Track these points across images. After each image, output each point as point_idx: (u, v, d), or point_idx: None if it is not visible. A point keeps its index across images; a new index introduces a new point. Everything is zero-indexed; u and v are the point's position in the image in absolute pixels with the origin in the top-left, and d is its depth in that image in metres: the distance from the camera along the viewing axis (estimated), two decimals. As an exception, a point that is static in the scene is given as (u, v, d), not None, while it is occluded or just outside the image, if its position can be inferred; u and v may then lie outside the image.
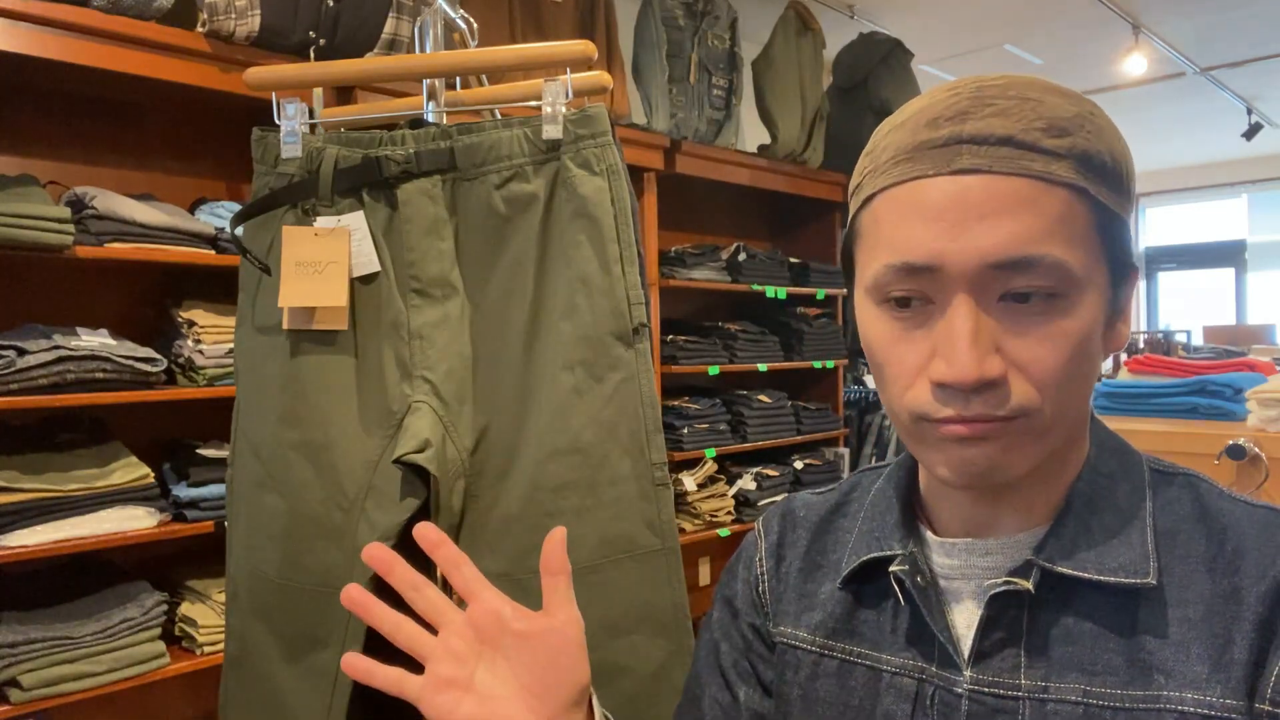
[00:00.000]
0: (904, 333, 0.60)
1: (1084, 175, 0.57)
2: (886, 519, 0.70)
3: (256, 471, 1.21)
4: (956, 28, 4.67)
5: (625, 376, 1.14)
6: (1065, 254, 0.56)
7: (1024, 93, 0.59)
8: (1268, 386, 1.91)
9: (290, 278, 1.17)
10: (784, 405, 3.63)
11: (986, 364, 0.56)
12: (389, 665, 0.65)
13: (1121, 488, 0.64)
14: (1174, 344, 5.82)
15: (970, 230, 0.56)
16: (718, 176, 3.39)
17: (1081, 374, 0.59)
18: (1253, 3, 4.38)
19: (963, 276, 0.56)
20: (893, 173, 0.60)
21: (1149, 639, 0.58)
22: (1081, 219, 0.57)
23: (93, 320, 2.14)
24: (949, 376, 0.56)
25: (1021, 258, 0.55)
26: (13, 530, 1.81)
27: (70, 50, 1.84)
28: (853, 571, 0.70)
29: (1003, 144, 0.57)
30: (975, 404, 0.57)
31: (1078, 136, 0.57)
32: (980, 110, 0.58)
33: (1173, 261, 8.91)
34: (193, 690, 2.31)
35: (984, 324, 0.57)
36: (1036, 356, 0.57)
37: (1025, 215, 0.56)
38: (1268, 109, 6.32)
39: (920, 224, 0.57)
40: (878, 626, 0.69)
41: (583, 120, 1.14)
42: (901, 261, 0.58)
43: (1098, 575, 0.60)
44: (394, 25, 2.25)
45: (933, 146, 0.58)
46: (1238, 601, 0.57)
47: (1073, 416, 0.60)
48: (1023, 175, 0.56)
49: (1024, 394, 0.57)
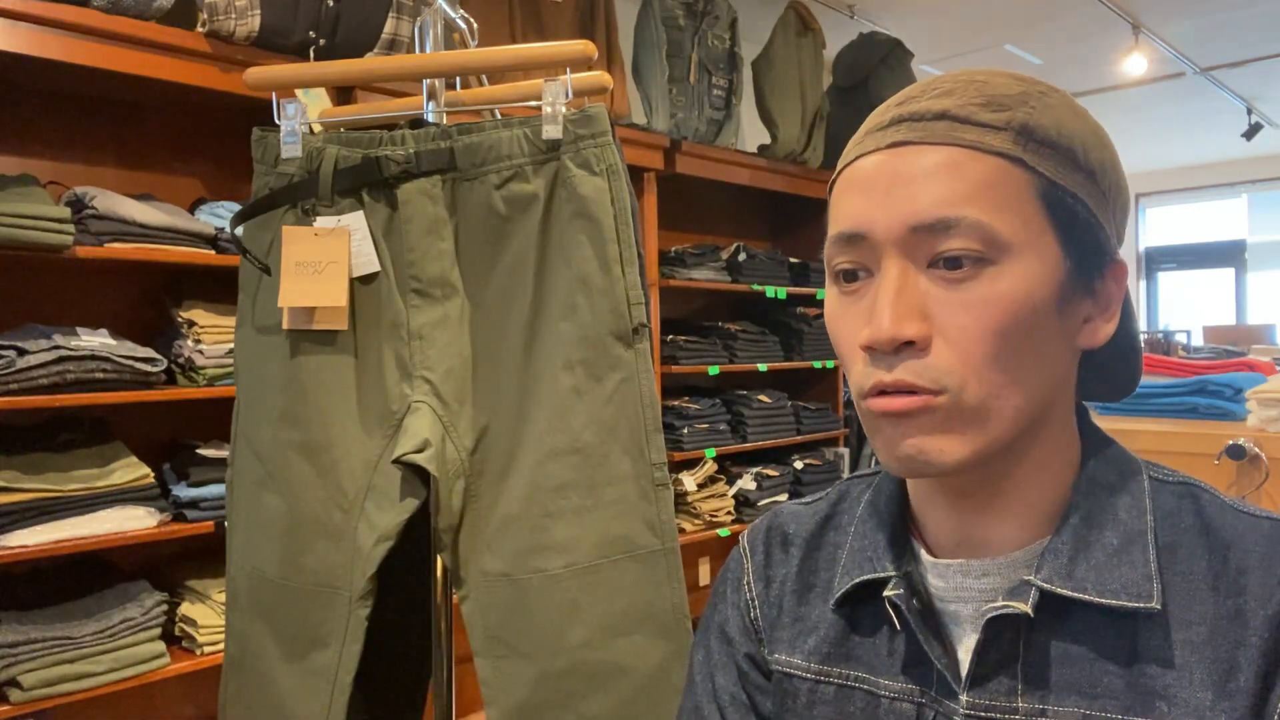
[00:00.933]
0: (848, 307, 0.61)
1: (1022, 145, 0.58)
2: (878, 536, 0.68)
3: (256, 471, 1.21)
4: (956, 28, 4.67)
5: (625, 376, 1.14)
6: (989, 217, 0.56)
7: (974, 76, 0.61)
8: (1268, 386, 1.91)
9: (290, 278, 1.17)
10: (784, 405, 3.63)
11: (904, 324, 0.56)
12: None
13: (1121, 500, 0.61)
14: (1174, 344, 5.82)
15: (894, 196, 0.58)
16: (718, 176, 3.39)
17: (1020, 354, 0.57)
18: (1253, 3, 4.38)
19: (889, 240, 0.57)
20: (847, 157, 0.63)
21: (1150, 663, 0.57)
22: (1016, 186, 0.57)
23: (93, 320, 2.14)
24: (869, 337, 0.57)
25: (939, 219, 0.56)
26: (13, 530, 1.81)
27: (70, 50, 1.84)
28: (846, 593, 0.68)
29: (938, 119, 0.58)
30: (898, 369, 0.56)
31: (1018, 110, 0.58)
32: (926, 94, 0.60)
33: (1173, 261, 8.90)
34: (193, 690, 2.31)
35: (910, 288, 0.57)
36: (962, 324, 0.56)
37: (948, 179, 0.57)
38: (1268, 109, 6.32)
39: (855, 196, 0.60)
40: (874, 649, 0.67)
41: (583, 120, 1.14)
42: (837, 232, 0.60)
43: (1099, 598, 0.58)
44: (394, 25, 2.25)
45: (879, 128, 0.61)
46: (1243, 624, 0.56)
47: (1017, 406, 0.57)
48: (952, 144, 0.58)
49: (945, 364, 0.56)
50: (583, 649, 1.11)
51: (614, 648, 1.11)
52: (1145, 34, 4.73)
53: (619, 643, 1.12)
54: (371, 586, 1.14)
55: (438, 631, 1.27)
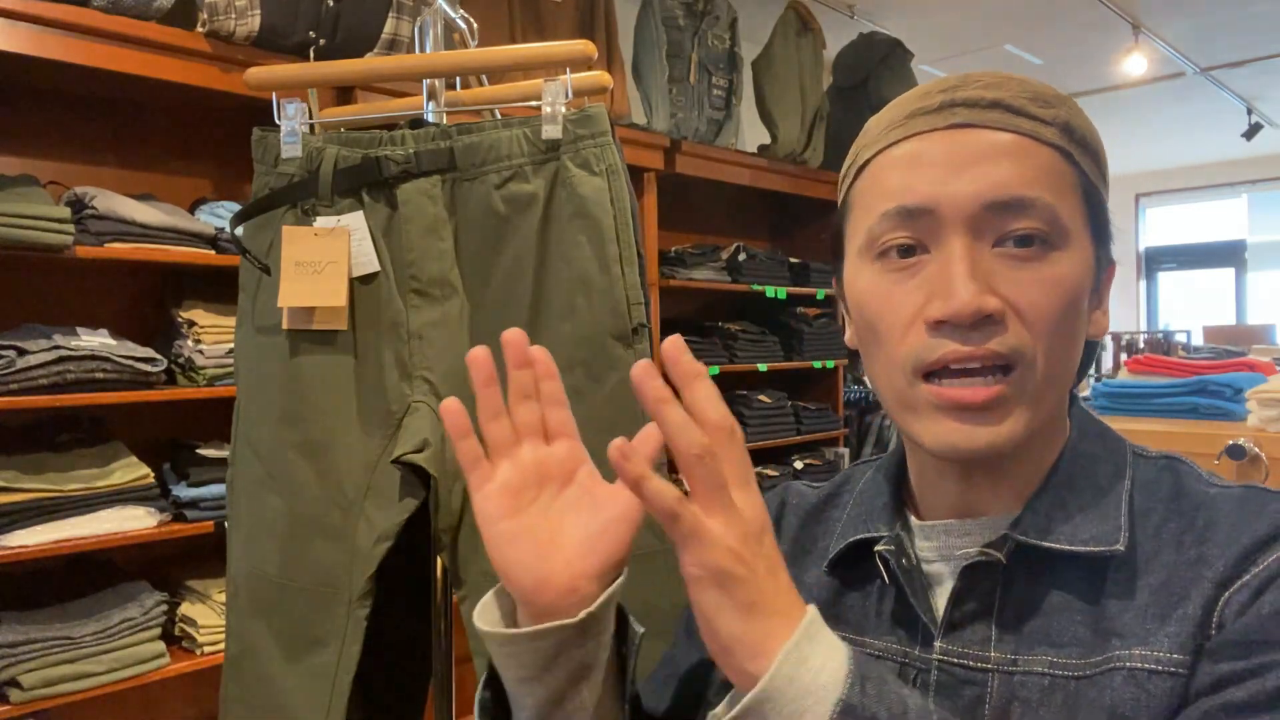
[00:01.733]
0: (898, 284, 0.61)
1: (1068, 141, 0.61)
2: (875, 503, 0.71)
3: (256, 471, 1.21)
4: (956, 28, 4.67)
5: (625, 377, 1.14)
6: (1056, 200, 0.59)
7: (1008, 75, 0.63)
8: (1268, 386, 1.91)
9: (290, 278, 1.17)
10: (784, 405, 3.63)
11: (985, 297, 0.57)
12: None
13: (1103, 468, 0.64)
14: (1174, 344, 5.82)
15: (965, 174, 0.59)
16: (718, 176, 3.39)
17: (1072, 332, 0.60)
18: (1253, 3, 4.38)
19: (958, 217, 0.58)
20: (889, 136, 0.63)
21: (1113, 606, 0.58)
22: (1067, 179, 0.60)
23: (93, 320, 2.14)
24: (947, 310, 0.57)
25: (1016, 198, 0.58)
26: (13, 530, 1.81)
27: (70, 50, 1.84)
28: (839, 555, 0.70)
29: (993, 106, 0.60)
30: (975, 339, 0.57)
31: (1060, 109, 0.61)
32: (970, 83, 0.62)
33: (1173, 261, 8.91)
34: (193, 690, 2.31)
35: (981, 264, 0.58)
36: (1032, 300, 0.58)
37: (1017, 162, 0.59)
38: (1268, 109, 6.32)
39: (917, 170, 0.60)
40: (863, 610, 0.69)
41: (582, 120, 1.14)
42: (898, 205, 0.60)
43: (1069, 546, 0.60)
44: (394, 25, 2.25)
45: (927, 111, 0.62)
46: (1202, 565, 0.57)
47: (1061, 383, 0.61)
48: (1013, 131, 0.60)
49: (1020, 336, 0.58)
50: (582, 649, 1.11)
51: (614, 648, 1.11)
52: (1145, 34, 4.73)
53: (619, 643, 1.11)
54: (371, 586, 1.14)
55: (438, 631, 1.27)
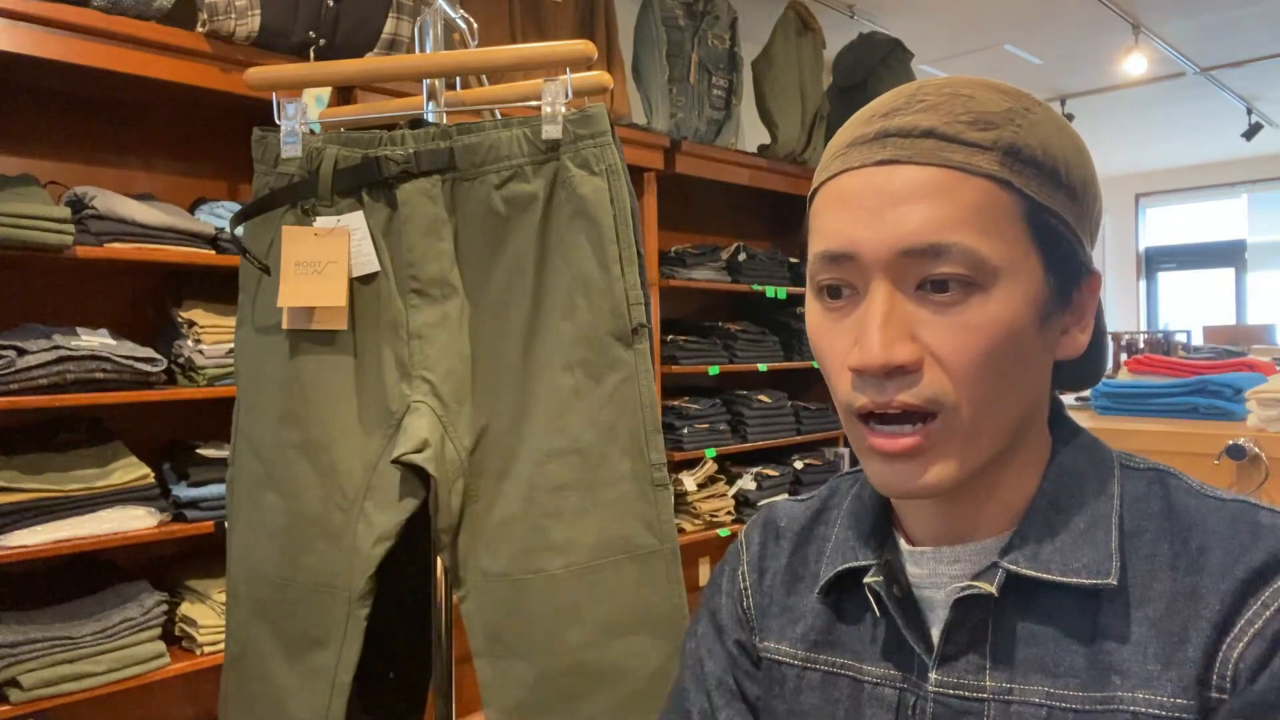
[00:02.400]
0: (834, 323, 0.61)
1: (1008, 167, 0.58)
2: (861, 527, 0.70)
3: (256, 471, 1.21)
4: (956, 28, 4.67)
5: (624, 377, 1.14)
6: (978, 243, 0.56)
7: (959, 90, 0.60)
8: (1268, 386, 1.91)
9: (290, 278, 1.17)
10: (784, 405, 3.63)
11: (896, 348, 0.56)
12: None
13: (1089, 485, 0.63)
14: (1174, 344, 5.82)
15: (884, 218, 0.57)
16: (718, 176, 3.38)
17: (1008, 372, 0.58)
18: (1253, 3, 4.38)
19: (878, 263, 0.57)
20: (830, 168, 0.62)
21: (1110, 640, 0.58)
22: (1003, 209, 0.57)
23: (93, 320, 2.14)
24: (859, 360, 0.57)
25: (931, 244, 0.56)
26: (13, 530, 1.81)
27: (70, 50, 1.84)
28: (830, 582, 0.70)
29: (925, 136, 0.58)
30: (889, 390, 0.57)
31: (1005, 129, 0.58)
32: (910, 106, 0.60)
33: (1173, 261, 8.90)
34: (193, 690, 2.31)
35: (899, 311, 0.57)
36: (953, 347, 0.57)
37: (938, 203, 0.56)
38: (1268, 109, 6.31)
39: (841, 213, 0.59)
40: (858, 637, 0.68)
41: (582, 120, 1.14)
42: (824, 249, 0.60)
43: (1061, 576, 0.59)
44: (394, 25, 2.25)
45: (863, 141, 0.60)
46: (1197, 600, 0.57)
47: (1005, 422, 0.59)
48: (941, 165, 0.57)
49: (938, 384, 0.57)
50: (582, 649, 1.11)
51: (613, 648, 1.11)
52: (1145, 34, 4.73)
53: (618, 643, 1.12)
54: (371, 586, 1.14)
55: (438, 631, 1.27)
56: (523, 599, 1.12)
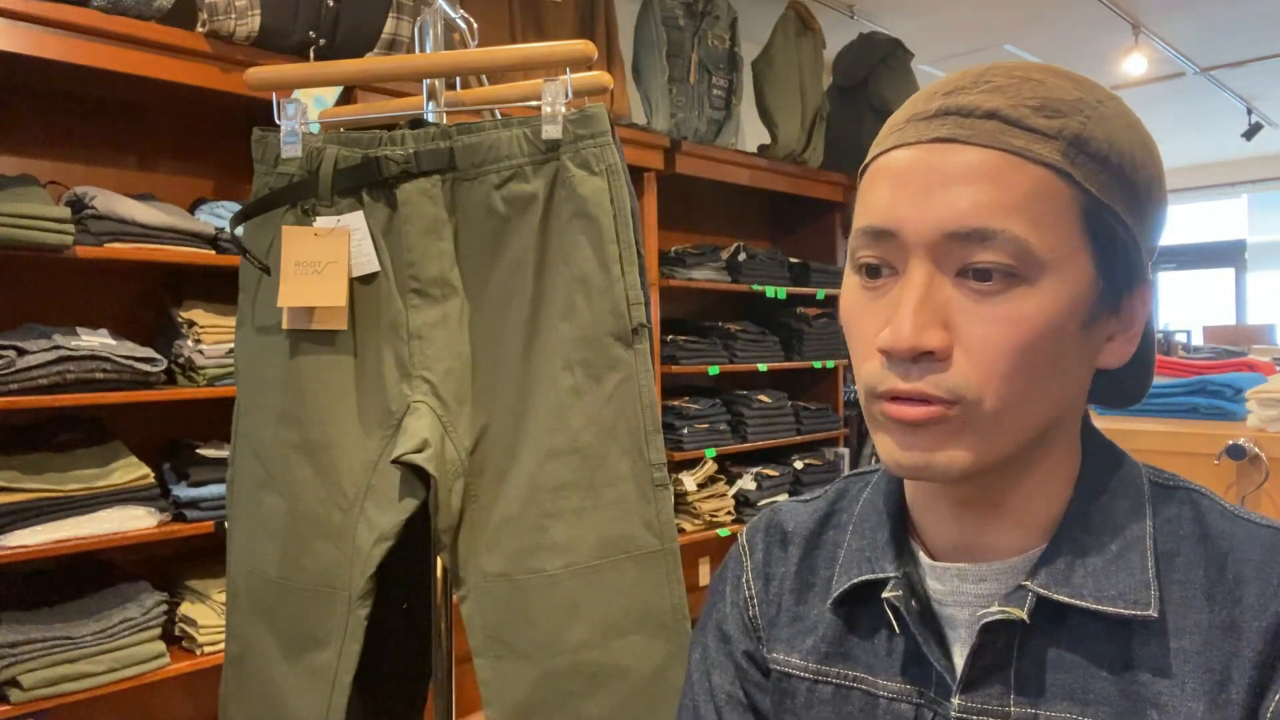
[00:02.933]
0: (869, 303, 0.58)
1: (1071, 158, 0.55)
2: (877, 537, 0.67)
3: (256, 471, 1.21)
4: (956, 28, 4.67)
5: (624, 377, 1.14)
6: (1027, 232, 0.53)
7: (1030, 74, 0.57)
8: (1268, 386, 1.91)
9: (290, 278, 1.17)
10: (784, 405, 3.63)
11: (925, 334, 0.54)
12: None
13: (1120, 504, 0.61)
14: (1174, 344, 5.81)
15: (931, 197, 0.55)
16: (718, 176, 3.38)
17: (1040, 371, 0.55)
18: (1253, 3, 4.38)
19: (920, 243, 0.55)
20: (884, 142, 0.59)
21: (1144, 670, 0.56)
22: (1059, 201, 0.55)
23: (93, 320, 2.14)
24: (888, 342, 0.55)
25: (977, 228, 0.53)
26: (13, 530, 1.81)
27: (70, 50, 1.84)
28: (844, 593, 0.67)
29: (987, 117, 0.55)
30: (914, 376, 0.55)
31: (1072, 119, 0.55)
32: (976, 86, 0.57)
33: (1173, 261, 8.90)
34: (193, 690, 2.31)
35: (935, 295, 0.55)
36: (985, 338, 0.54)
37: (990, 187, 0.54)
38: (1268, 109, 6.31)
39: (888, 189, 0.57)
40: (872, 650, 0.66)
41: (582, 120, 1.14)
42: (867, 225, 0.57)
43: (1095, 605, 0.57)
44: (394, 25, 2.25)
45: (922, 118, 0.57)
46: (1237, 636, 0.55)
47: (1031, 420, 0.57)
48: (999, 148, 0.54)
49: (964, 376, 0.54)
50: (582, 649, 1.11)
51: (613, 648, 1.11)
52: (1145, 34, 4.73)
53: (618, 643, 1.12)
54: (371, 586, 1.14)
55: (438, 631, 1.27)
56: (523, 599, 1.12)
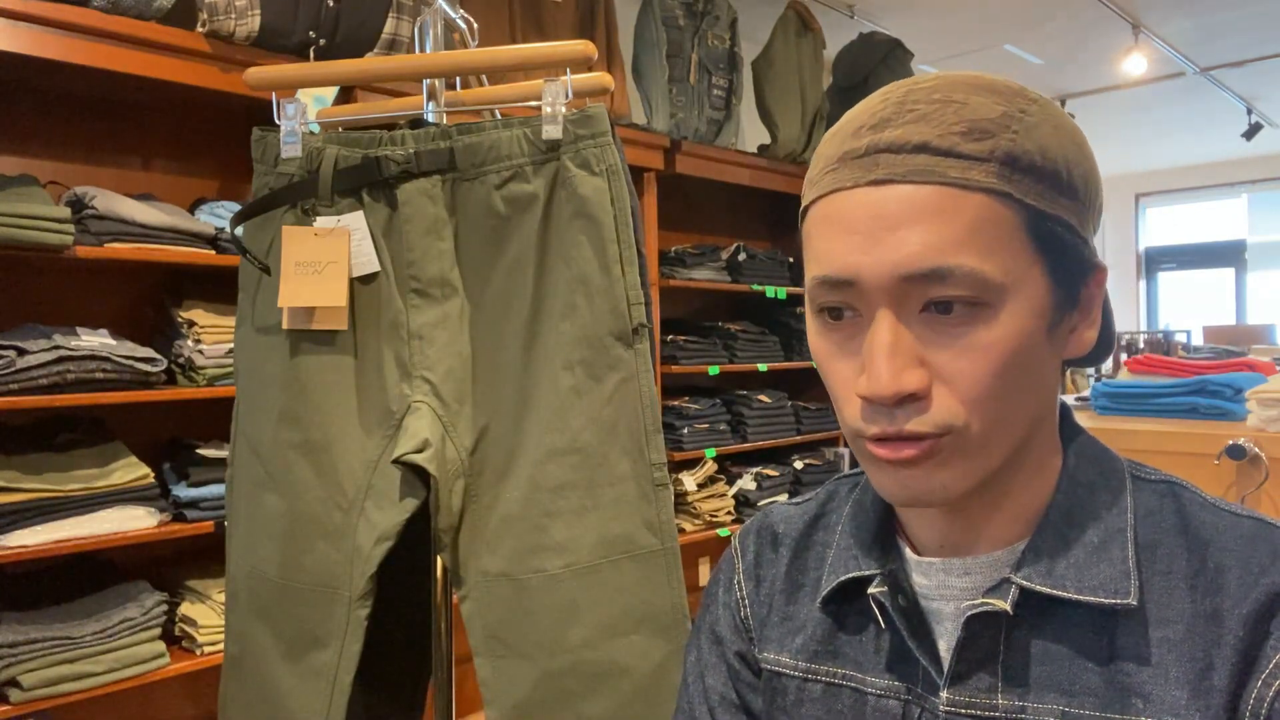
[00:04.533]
0: (838, 346, 0.59)
1: (1007, 178, 0.55)
2: (863, 535, 0.68)
3: (256, 471, 1.21)
4: (956, 28, 4.67)
5: (625, 376, 1.14)
6: (981, 263, 0.54)
7: (949, 94, 0.57)
8: (1268, 386, 1.91)
9: (290, 278, 1.17)
10: (784, 405, 3.63)
11: (904, 378, 0.55)
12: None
13: (1101, 498, 0.62)
14: (1174, 344, 5.82)
15: (883, 242, 0.55)
16: (718, 176, 3.39)
17: (1018, 386, 0.57)
18: (1253, 3, 4.38)
19: (880, 289, 0.56)
20: (820, 184, 0.59)
21: (1128, 660, 0.57)
22: (1004, 223, 0.55)
23: (93, 320, 2.14)
24: (868, 390, 0.56)
25: (933, 269, 0.54)
26: (13, 530, 1.81)
27: (70, 50, 1.84)
28: (832, 591, 0.68)
29: (919, 151, 0.56)
30: (899, 419, 0.56)
31: (1001, 138, 0.56)
32: (900, 117, 0.57)
33: (1173, 261, 8.90)
34: (193, 690, 2.31)
35: (904, 337, 0.56)
36: (960, 369, 0.56)
37: (937, 224, 0.54)
38: (1268, 109, 6.32)
39: (838, 237, 0.57)
40: (861, 647, 0.67)
41: (583, 120, 1.14)
42: (823, 275, 0.58)
43: (1077, 594, 0.58)
44: (394, 25, 2.25)
45: (854, 157, 0.58)
46: (1218, 623, 0.56)
47: (1016, 431, 0.58)
48: (937, 183, 0.55)
49: (949, 409, 0.56)
50: (582, 649, 1.11)
51: (613, 648, 1.11)
52: (1145, 34, 4.73)
53: (618, 643, 1.12)
54: (371, 586, 1.14)
55: (438, 631, 1.27)
56: (523, 598, 1.12)
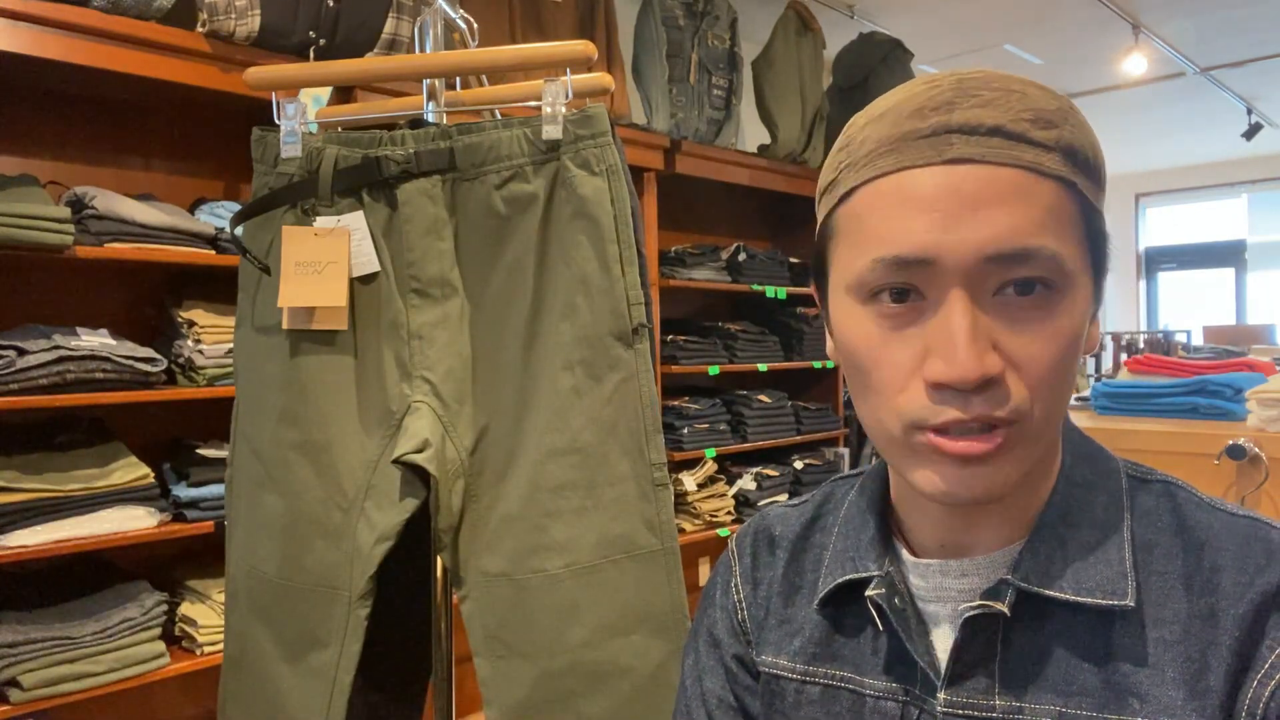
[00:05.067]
0: (894, 331, 0.57)
1: (1071, 168, 0.56)
2: (861, 536, 0.68)
3: (256, 471, 1.21)
4: (956, 28, 4.67)
5: (625, 377, 1.14)
6: (1059, 246, 0.54)
7: (1006, 85, 0.57)
8: (1268, 386, 1.91)
9: (290, 278, 1.17)
10: (784, 405, 3.63)
11: (988, 361, 0.53)
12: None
13: (1098, 498, 0.62)
14: (1174, 344, 5.82)
15: (965, 222, 0.54)
16: (718, 176, 3.39)
17: (1070, 375, 0.57)
18: (1253, 3, 4.38)
19: (959, 269, 0.54)
20: (877, 164, 0.57)
21: (1124, 661, 0.57)
22: (1070, 212, 0.56)
23: (93, 320, 2.14)
24: (949, 375, 0.53)
25: (1018, 250, 0.53)
26: (13, 530, 1.81)
27: (70, 50, 1.84)
28: (830, 593, 0.68)
29: (994, 133, 0.55)
30: (975, 404, 0.54)
31: (1063, 129, 0.56)
32: (965, 100, 0.56)
33: (1173, 261, 8.90)
34: (193, 690, 2.31)
35: (981, 320, 0.54)
36: (1033, 354, 0.55)
37: (1020, 206, 0.54)
38: (1268, 109, 6.31)
39: (912, 216, 0.55)
40: (858, 649, 0.67)
41: (583, 120, 1.14)
42: (893, 255, 0.55)
43: (1074, 596, 0.58)
44: (394, 25, 2.25)
45: (920, 137, 0.56)
46: (1214, 624, 0.56)
47: (1058, 422, 0.58)
48: (1015, 165, 0.54)
49: (1020, 394, 0.55)
50: (582, 649, 1.11)
51: (613, 647, 1.11)
52: (1145, 34, 4.73)
53: (618, 642, 1.12)
54: (371, 586, 1.14)
55: (438, 631, 1.27)
56: (523, 598, 1.12)
